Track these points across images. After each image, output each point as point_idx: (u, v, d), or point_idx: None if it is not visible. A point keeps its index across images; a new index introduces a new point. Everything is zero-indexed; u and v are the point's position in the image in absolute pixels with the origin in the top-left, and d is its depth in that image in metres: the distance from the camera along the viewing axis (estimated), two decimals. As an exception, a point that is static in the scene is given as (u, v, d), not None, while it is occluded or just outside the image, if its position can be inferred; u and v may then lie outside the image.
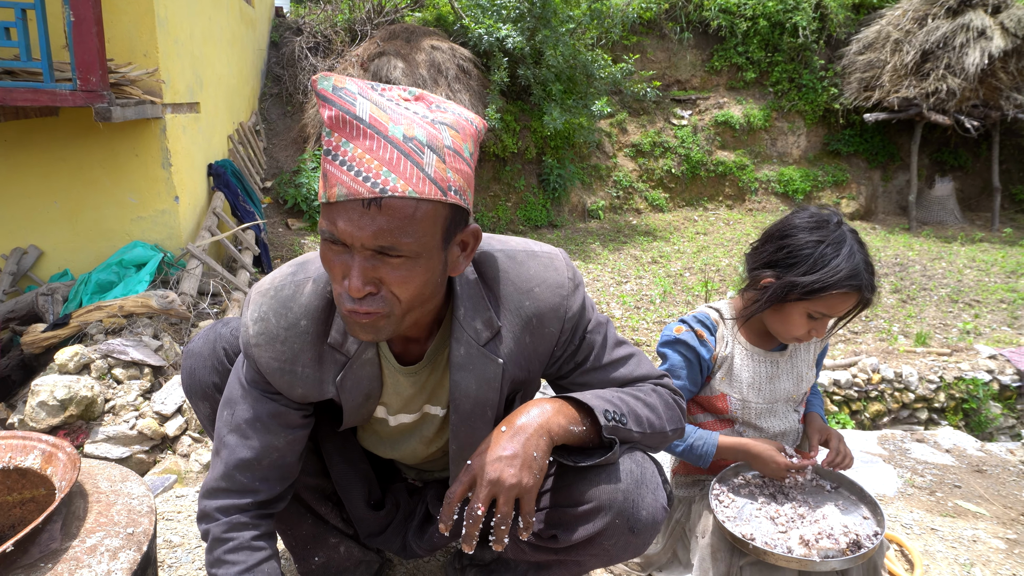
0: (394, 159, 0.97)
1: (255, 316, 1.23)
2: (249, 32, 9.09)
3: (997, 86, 9.85)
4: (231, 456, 1.27)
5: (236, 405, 1.29)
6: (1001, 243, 9.82)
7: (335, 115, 0.98)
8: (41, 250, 5.25)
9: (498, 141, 9.62)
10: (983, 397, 5.48)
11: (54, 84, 4.19)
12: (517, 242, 1.30)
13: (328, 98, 1.00)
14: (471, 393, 1.24)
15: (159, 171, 5.19)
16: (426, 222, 1.00)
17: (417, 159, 0.98)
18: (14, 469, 1.50)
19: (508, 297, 1.24)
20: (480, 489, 1.11)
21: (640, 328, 6.64)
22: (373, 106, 0.99)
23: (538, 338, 1.25)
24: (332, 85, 1.00)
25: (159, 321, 4.49)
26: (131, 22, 4.94)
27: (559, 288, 1.25)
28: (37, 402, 3.65)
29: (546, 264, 1.26)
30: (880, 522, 1.54)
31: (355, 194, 0.97)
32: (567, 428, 1.18)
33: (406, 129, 0.98)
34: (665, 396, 1.32)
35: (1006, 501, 2.54)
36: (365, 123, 0.98)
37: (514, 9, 9.07)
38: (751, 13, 11.30)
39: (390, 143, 0.97)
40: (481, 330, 1.22)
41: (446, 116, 1.04)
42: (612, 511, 1.20)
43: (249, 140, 8.35)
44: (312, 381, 1.24)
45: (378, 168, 0.96)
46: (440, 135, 1.01)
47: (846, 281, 1.52)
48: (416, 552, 1.57)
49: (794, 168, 11.41)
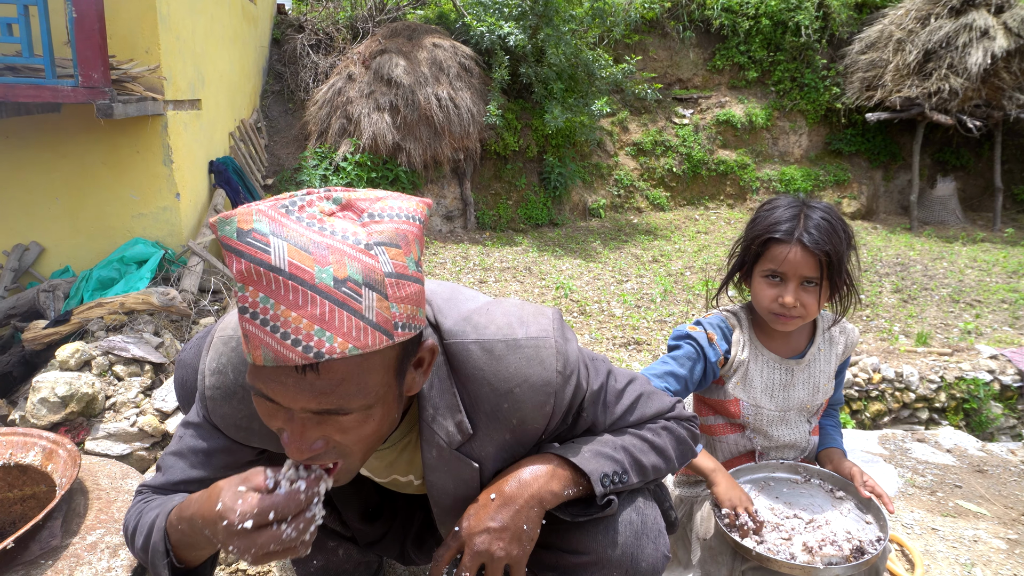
0: (326, 314, 0.81)
1: (212, 367, 1.13)
2: (251, 29, 9.09)
3: (1000, 86, 9.84)
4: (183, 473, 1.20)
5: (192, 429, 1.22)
6: (1003, 243, 9.81)
7: (245, 268, 0.82)
8: (42, 247, 5.25)
9: (499, 139, 9.61)
10: (984, 397, 5.48)
11: (56, 80, 4.19)
12: (499, 324, 1.13)
13: (233, 247, 0.83)
14: (449, 491, 1.18)
15: (160, 168, 5.19)
16: (374, 373, 0.89)
17: (354, 306, 0.83)
18: (15, 466, 1.50)
19: (483, 399, 1.10)
20: (468, 558, 1.07)
21: (640, 327, 6.63)
22: (291, 247, 0.82)
23: (520, 435, 1.14)
24: (236, 229, 0.83)
25: (160, 318, 4.49)
26: (133, 19, 4.93)
27: (545, 386, 1.10)
28: (38, 399, 3.65)
29: (530, 357, 1.09)
30: (883, 527, 1.54)
31: (284, 361, 0.82)
32: (560, 494, 1.11)
33: (336, 270, 0.82)
34: (676, 431, 1.24)
35: (1007, 501, 2.54)
36: (284, 274, 0.81)
37: (516, 7, 9.06)
38: (753, 12, 11.28)
39: (319, 294, 0.81)
40: (453, 433, 1.11)
41: (382, 231, 0.88)
42: (610, 566, 1.15)
43: (250, 137, 8.34)
44: (270, 438, 1.15)
45: (308, 328, 0.81)
46: (378, 264, 0.85)
47: (776, 227, 1.56)
48: (414, 560, 1.56)
49: (796, 167, 11.40)
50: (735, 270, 1.71)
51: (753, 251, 1.63)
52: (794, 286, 1.57)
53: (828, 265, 1.55)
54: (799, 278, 1.56)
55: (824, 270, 1.55)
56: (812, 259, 1.54)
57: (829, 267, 1.55)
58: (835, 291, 1.59)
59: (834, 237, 1.55)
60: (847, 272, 1.57)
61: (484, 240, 9.09)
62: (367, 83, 8.94)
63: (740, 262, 1.69)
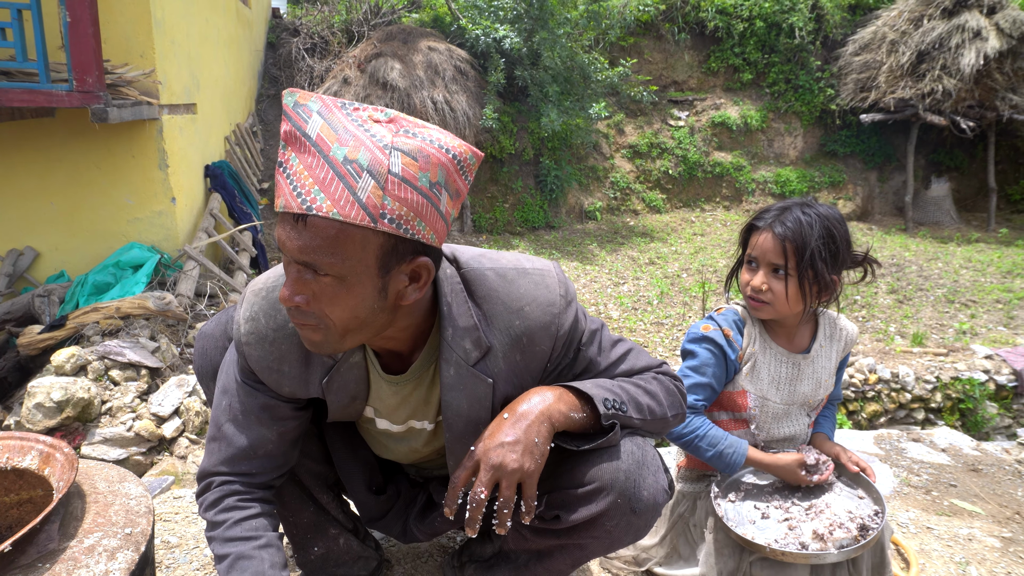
0: (327, 179, 0.97)
1: (246, 315, 1.25)
2: (246, 33, 9.09)
3: (992, 87, 9.88)
4: (228, 446, 1.31)
5: (231, 396, 1.32)
6: (997, 243, 9.85)
7: (289, 130, 1.01)
8: (37, 251, 5.25)
9: (495, 142, 9.63)
10: (979, 397, 5.50)
11: (50, 85, 4.19)
12: (508, 259, 1.29)
13: (287, 113, 1.02)
14: (463, 412, 1.26)
15: (156, 172, 5.19)
16: (351, 246, 1.01)
17: (351, 182, 0.97)
18: (11, 470, 1.50)
19: (498, 316, 1.23)
20: (483, 474, 1.14)
21: (637, 329, 6.65)
22: (325, 125, 0.99)
23: (529, 356, 1.26)
24: (295, 101, 1.02)
25: (156, 323, 4.49)
26: (127, 23, 4.94)
27: (550, 306, 1.24)
28: (34, 404, 3.64)
29: (537, 282, 1.25)
30: (878, 500, 1.57)
31: (288, 208, 0.99)
32: (567, 415, 1.20)
33: (349, 151, 0.98)
34: (665, 382, 1.34)
35: (1001, 500, 2.55)
36: (311, 141, 0.99)
37: (511, 10, 9.09)
38: (747, 14, 11.32)
39: (328, 163, 0.97)
40: (470, 350, 1.22)
41: (409, 142, 1.01)
42: (614, 491, 1.23)
43: (246, 141, 8.34)
44: (299, 381, 1.27)
45: (310, 186, 0.98)
46: (387, 161, 0.99)
47: (761, 216, 1.66)
48: (416, 536, 1.57)
49: (791, 169, 11.44)
50: (738, 265, 1.78)
51: (740, 239, 1.73)
52: (764, 271, 1.65)
53: (795, 254, 1.59)
54: (768, 265, 1.64)
55: (789, 259, 1.60)
56: (779, 246, 1.61)
57: (797, 257, 1.59)
58: (802, 283, 1.61)
59: (805, 230, 1.60)
60: (817, 269, 1.59)
61: (481, 243, 9.09)
62: (362, 87, 8.94)
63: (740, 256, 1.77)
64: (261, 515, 1.29)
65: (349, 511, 1.67)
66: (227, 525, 1.26)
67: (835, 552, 1.43)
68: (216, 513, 1.28)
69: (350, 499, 1.62)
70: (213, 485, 1.31)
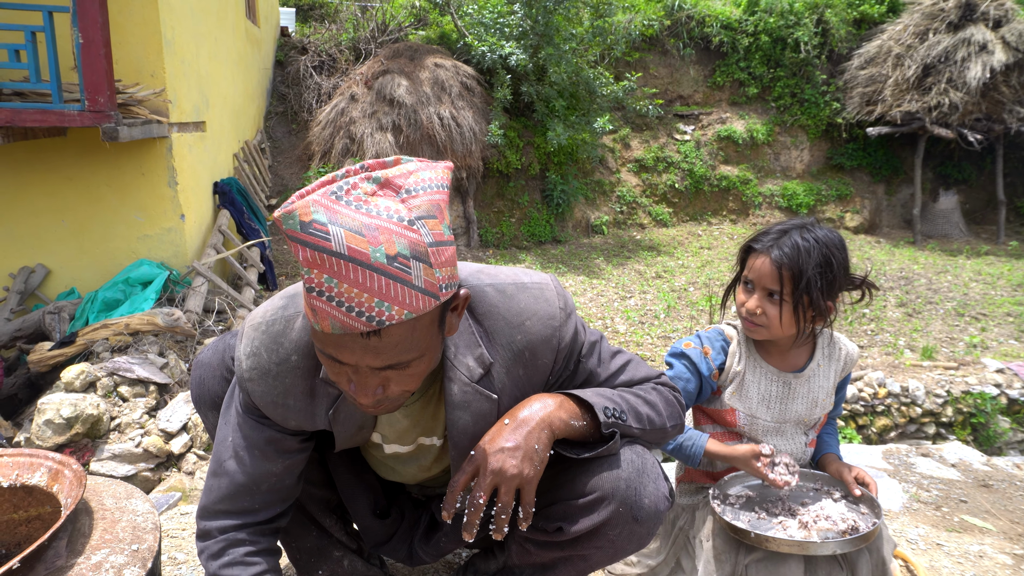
0: (383, 287, 0.95)
1: (247, 351, 1.24)
2: (255, 52, 9.19)
3: (1000, 100, 9.87)
4: (231, 481, 1.30)
5: (233, 430, 1.31)
6: (1007, 256, 9.80)
7: (311, 255, 0.95)
8: (48, 269, 5.29)
9: (502, 157, 9.67)
10: (991, 411, 5.45)
11: (63, 105, 4.25)
12: (507, 274, 1.29)
13: (298, 238, 0.96)
14: (468, 430, 1.26)
15: (165, 189, 5.24)
16: (426, 328, 1.03)
17: (406, 277, 0.96)
18: (20, 487, 1.51)
19: (499, 332, 1.24)
20: (482, 478, 1.15)
21: (644, 343, 6.63)
22: (347, 233, 0.94)
23: (531, 370, 1.26)
24: (299, 223, 0.95)
25: (165, 339, 4.51)
26: (138, 43, 5.01)
27: (551, 320, 1.25)
28: (43, 420, 3.67)
29: (536, 296, 1.26)
30: (877, 512, 1.56)
31: (351, 329, 0.97)
32: (568, 422, 1.21)
33: (387, 248, 0.95)
34: (665, 393, 1.34)
35: (1013, 516, 2.53)
36: (345, 257, 0.94)
37: (517, 27, 9.16)
38: (752, 29, 11.37)
39: (375, 271, 0.95)
40: (474, 367, 1.23)
41: (419, 204, 1.00)
42: (615, 500, 1.23)
43: (254, 158, 8.41)
44: (305, 414, 1.26)
45: (369, 300, 0.95)
46: (421, 236, 0.98)
47: (760, 238, 1.65)
48: (422, 559, 1.57)
49: (797, 182, 11.43)
50: (734, 282, 1.77)
51: (739, 259, 1.73)
52: (759, 295, 1.65)
53: (791, 281, 1.59)
54: (763, 289, 1.64)
55: (784, 285, 1.60)
56: (775, 272, 1.61)
57: (792, 284, 1.59)
58: (796, 310, 1.61)
59: (802, 257, 1.59)
60: (812, 296, 1.59)
61: (487, 258, 9.11)
62: (370, 103, 9.02)
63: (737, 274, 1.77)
64: (266, 572, 1.28)
65: (352, 531, 1.67)
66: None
67: (818, 541, 1.42)
68: (220, 567, 1.27)
69: (354, 523, 1.62)
70: (215, 532, 1.29)
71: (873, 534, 1.47)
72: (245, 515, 1.30)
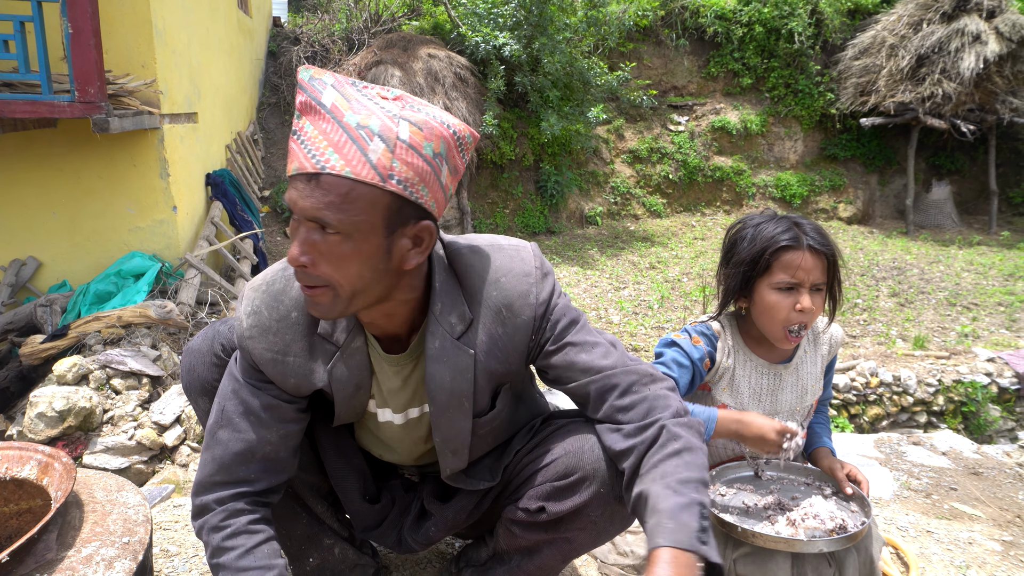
0: (341, 141, 1.05)
1: (248, 310, 1.28)
2: (247, 42, 9.13)
3: (992, 90, 9.89)
4: (225, 450, 1.29)
5: (229, 400, 1.31)
6: (999, 246, 9.84)
7: (304, 100, 1.08)
8: (40, 261, 5.26)
9: (495, 148, 9.65)
10: (982, 400, 5.48)
11: (52, 96, 4.21)
12: (485, 238, 1.35)
13: (303, 86, 1.09)
14: (446, 385, 1.28)
15: (157, 181, 5.21)
16: (360, 203, 1.06)
17: (363, 144, 1.04)
18: (10, 480, 1.51)
19: (476, 289, 1.27)
20: None
21: (639, 334, 6.64)
22: (339, 95, 1.07)
23: (511, 328, 1.28)
24: (310, 76, 1.09)
25: (157, 331, 4.50)
26: (129, 33, 4.96)
27: (526, 276, 1.28)
28: (35, 413, 3.65)
29: (511, 255, 1.30)
30: (867, 512, 1.56)
31: (302, 168, 1.06)
32: None
33: (362, 119, 1.05)
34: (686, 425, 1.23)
35: (1002, 503, 2.55)
36: (326, 108, 1.06)
37: (511, 17, 9.11)
38: (747, 19, 11.34)
39: (342, 127, 1.05)
40: (455, 323, 1.26)
41: (415, 115, 1.08)
42: (596, 480, 1.26)
43: (247, 149, 8.37)
44: (304, 371, 1.28)
45: (325, 148, 1.05)
46: (396, 128, 1.06)
47: (782, 235, 1.58)
48: (411, 547, 1.57)
49: (791, 173, 11.44)
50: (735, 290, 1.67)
51: (761, 265, 1.60)
52: (809, 293, 1.58)
53: (832, 266, 1.60)
54: (812, 285, 1.58)
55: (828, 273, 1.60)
56: (821, 263, 1.58)
57: (833, 268, 1.60)
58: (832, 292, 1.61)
59: (830, 239, 1.61)
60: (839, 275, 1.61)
61: (481, 249, 9.10)
62: (363, 94, 8.97)
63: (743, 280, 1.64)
64: (270, 539, 1.28)
65: (344, 519, 1.67)
66: (238, 554, 1.23)
67: (804, 539, 1.43)
68: (223, 539, 1.24)
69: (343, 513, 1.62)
70: (213, 504, 1.28)
71: (861, 534, 1.46)
72: (242, 484, 1.29)
